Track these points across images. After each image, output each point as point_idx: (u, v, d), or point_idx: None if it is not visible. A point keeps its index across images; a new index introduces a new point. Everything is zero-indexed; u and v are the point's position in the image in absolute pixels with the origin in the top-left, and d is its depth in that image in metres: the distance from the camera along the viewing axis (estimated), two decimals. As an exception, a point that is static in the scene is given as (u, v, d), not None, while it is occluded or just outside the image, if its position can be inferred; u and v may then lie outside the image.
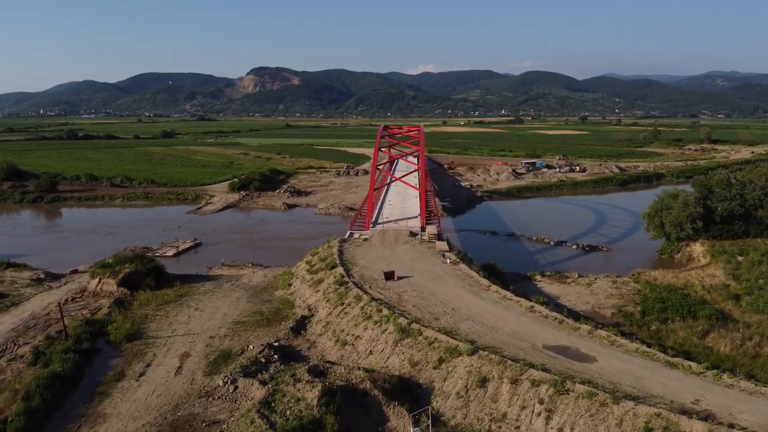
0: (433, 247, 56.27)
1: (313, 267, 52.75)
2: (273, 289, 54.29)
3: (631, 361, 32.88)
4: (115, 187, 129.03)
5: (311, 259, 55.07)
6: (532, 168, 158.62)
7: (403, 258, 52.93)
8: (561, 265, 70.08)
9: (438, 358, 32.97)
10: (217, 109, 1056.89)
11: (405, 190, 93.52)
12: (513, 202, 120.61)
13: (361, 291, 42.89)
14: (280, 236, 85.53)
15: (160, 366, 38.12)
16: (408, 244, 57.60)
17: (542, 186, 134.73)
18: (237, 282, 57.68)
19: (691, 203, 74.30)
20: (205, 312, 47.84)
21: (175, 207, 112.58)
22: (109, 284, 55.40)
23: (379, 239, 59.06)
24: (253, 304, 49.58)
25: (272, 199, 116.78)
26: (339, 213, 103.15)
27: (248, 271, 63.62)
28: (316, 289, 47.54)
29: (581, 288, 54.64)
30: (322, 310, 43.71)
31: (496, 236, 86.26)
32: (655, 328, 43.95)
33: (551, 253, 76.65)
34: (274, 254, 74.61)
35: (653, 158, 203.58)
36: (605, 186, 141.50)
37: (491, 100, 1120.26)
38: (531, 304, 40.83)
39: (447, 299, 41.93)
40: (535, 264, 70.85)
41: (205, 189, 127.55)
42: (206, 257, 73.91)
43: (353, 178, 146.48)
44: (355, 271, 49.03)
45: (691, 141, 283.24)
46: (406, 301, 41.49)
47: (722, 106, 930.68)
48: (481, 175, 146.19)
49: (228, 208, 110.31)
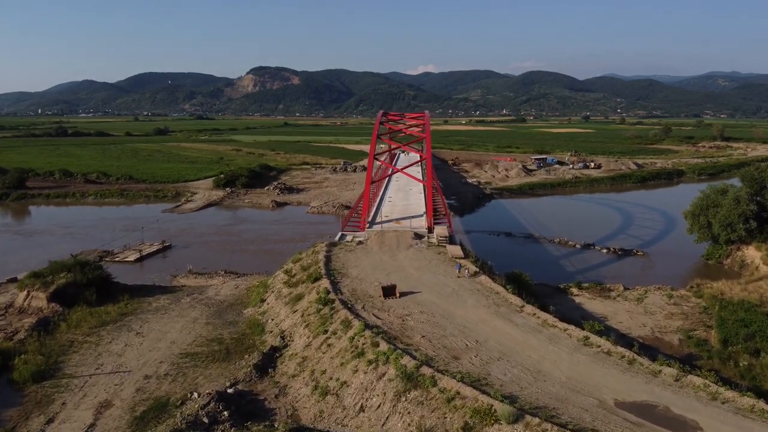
0: (443, 252, 45.09)
1: (292, 278, 41.61)
2: (242, 305, 43.14)
3: (752, 430, 21.80)
4: (90, 184, 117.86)
5: (291, 268, 43.94)
6: (544, 164, 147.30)
7: (407, 267, 41.77)
8: (593, 273, 58.97)
9: (462, 425, 21.82)
10: (217, 109, 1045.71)
11: (407, 185, 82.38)
12: (526, 200, 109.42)
13: (351, 314, 31.73)
14: (262, 238, 74.32)
15: (66, 423, 26.99)
16: (412, 248, 46.45)
17: (556, 183, 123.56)
18: (200, 295, 46.51)
19: (744, 200, 63.20)
20: (149, 338, 36.68)
21: (153, 205, 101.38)
22: (38, 298, 44.21)
23: (377, 242, 47.91)
24: (213, 326, 38.41)
25: (260, 197, 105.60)
26: (333, 212, 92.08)
27: (217, 281, 52.48)
28: (294, 308, 36.40)
29: (631, 305, 43.42)
30: (299, 339, 32.56)
31: (511, 238, 75.11)
32: (745, 363, 32.74)
33: (579, 258, 65.47)
34: (253, 259, 63.48)
35: (668, 155, 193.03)
36: (623, 183, 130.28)
37: (492, 99, 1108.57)
38: (585, 334, 29.66)
39: (468, 326, 30.77)
40: (563, 271, 59.71)
41: (188, 186, 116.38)
42: (174, 263, 62.83)
43: (350, 174, 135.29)
44: (345, 284, 37.86)
45: (702, 139, 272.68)
46: (412, 329, 30.33)
47: (725, 106, 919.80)
48: (488, 172, 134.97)
49: (210, 206, 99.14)
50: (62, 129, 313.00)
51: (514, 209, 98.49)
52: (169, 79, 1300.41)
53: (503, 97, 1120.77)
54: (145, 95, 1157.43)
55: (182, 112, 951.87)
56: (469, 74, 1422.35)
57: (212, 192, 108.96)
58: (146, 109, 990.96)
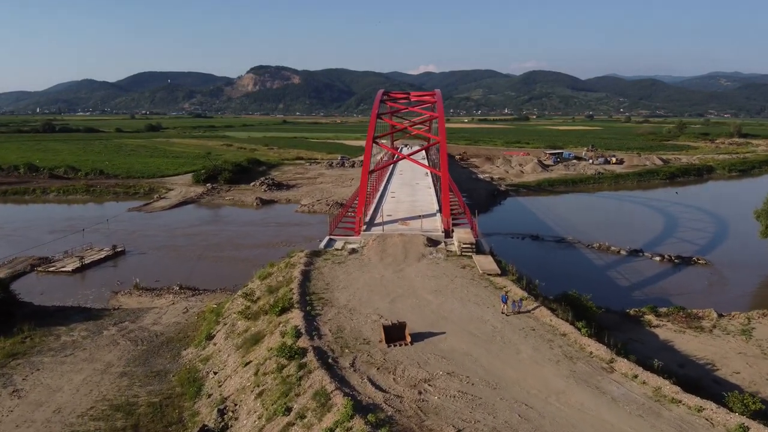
0: (470, 266, 32.18)
1: (254, 303, 28.75)
2: (184, 342, 30.28)
3: None
4: (55, 179, 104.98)
5: (254, 289, 31.09)
6: (560, 159, 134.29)
7: (421, 289, 28.87)
8: (656, 290, 46.24)
9: None
10: (217, 108, 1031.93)
11: (413, 179, 69.49)
12: (547, 198, 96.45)
13: (332, 379, 18.84)
14: (237, 242, 61.34)
15: None
16: (425, 259, 33.57)
17: (577, 179, 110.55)
18: (133, 324, 33.64)
19: (836, 196, 50.48)
20: (26, 401, 23.86)
21: (122, 203, 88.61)
22: None
23: (377, 251, 35.00)
24: (129, 380, 25.55)
25: (244, 194, 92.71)
26: (326, 211, 79.17)
27: (165, 301, 39.63)
28: (246, 356, 23.55)
29: (738, 341, 30.49)
30: (246, 418, 19.67)
31: (539, 242, 62.25)
32: None
33: (628, 268, 52.57)
34: (219, 270, 50.70)
35: (689, 151, 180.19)
36: (651, 179, 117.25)
37: (494, 99, 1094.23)
38: (739, 421, 16.79)
39: (533, 404, 17.88)
40: (616, 287, 46.91)
41: (165, 181, 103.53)
42: (123, 273, 50.12)
43: (348, 170, 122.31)
44: (328, 318, 24.97)
45: (718, 135, 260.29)
46: (436, 413, 17.44)
47: (728, 105, 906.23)
48: (501, 167, 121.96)
49: (185, 203, 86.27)
50: (50, 125, 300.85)
51: (535, 208, 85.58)
52: (169, 78, 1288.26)
53: (505, 96, 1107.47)
54: (144, 94, 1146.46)
55: (181, 111, 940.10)
56: (470, 74, 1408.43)
57: (190, 188, 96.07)
58: (145, 108, 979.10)
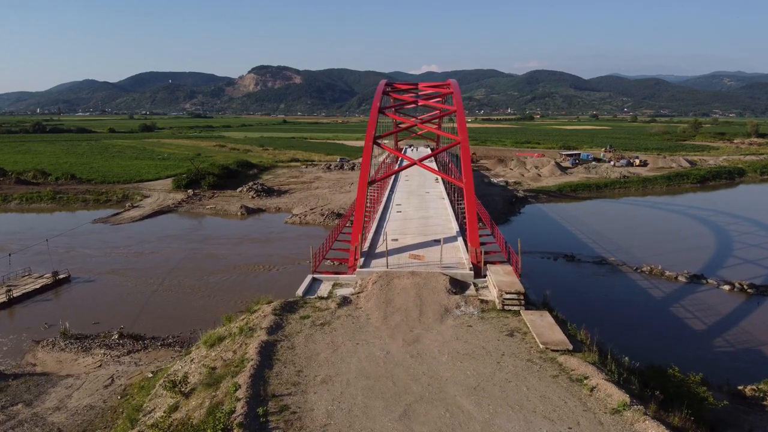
0: (520, 332, 21.04)
1: (184, 400, 18.06)
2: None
3: None
4: (21, 185, 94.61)
5: (192, 369, 20.41)
6: (579, 161, 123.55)
7: (450, 382, 17.37)
8: (739, 333, 35.60)
9: None
10: (218, 108, 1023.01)
11: (422, 187, 58.77)
12: (570, 205, 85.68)
13: None
14: (208, 264, 50.72)
15: None
16: (452, 317, 22.49)
17: (602, 183, 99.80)
18: (26, 408, 23.09)
19: None
20: None
21: (92, 212, 78.35)
22: None
23: (379, 301, 24.18)
24: None
25: (229, 201, 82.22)
26: (320, 222, 68.70)
27: (90, 361, 29.03)
28: None
29: None
30: None
31: (576, 264, 51.63)
32: None
33: (693, 301, 41.93)
34: (178, 305, 40.12)
35: (711, 152, 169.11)
36: (680, 183, 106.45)
37: (497, 99, 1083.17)
38: None
39: None
40: (688, 331, 36.27)
41: (142, 186, 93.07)
42: (60, 309, 39.68)
43: (347, 173, 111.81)
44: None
45: (735, 135, 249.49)
46: None
47: (733, 105, 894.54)
48: (515, 170, 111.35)
49: (161, 213, 75.79)
50: (40, 126, 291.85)
51: (560, 217, 74.90)
52: (170, 78, 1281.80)
53: (508, 96, 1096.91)
54: (145, 94, 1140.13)
55: (182, 112, 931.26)
56: (472, 73, 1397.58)
57: (169, 195, 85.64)
58: (146, 109, 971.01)
